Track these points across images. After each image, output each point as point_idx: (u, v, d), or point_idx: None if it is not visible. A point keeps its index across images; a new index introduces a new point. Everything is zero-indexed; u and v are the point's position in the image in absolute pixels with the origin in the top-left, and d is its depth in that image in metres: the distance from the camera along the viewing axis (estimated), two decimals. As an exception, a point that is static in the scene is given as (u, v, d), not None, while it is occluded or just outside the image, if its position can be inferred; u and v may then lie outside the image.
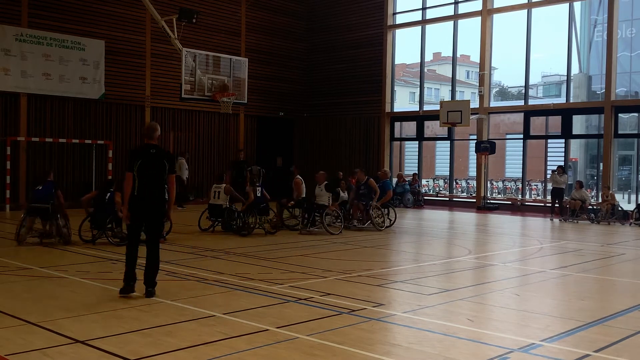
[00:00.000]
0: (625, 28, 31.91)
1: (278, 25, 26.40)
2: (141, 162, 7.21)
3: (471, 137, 26.53)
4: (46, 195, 11.52)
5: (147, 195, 7.19)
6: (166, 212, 7.41)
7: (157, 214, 7.28)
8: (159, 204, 7.28)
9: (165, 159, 7.31)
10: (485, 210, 22.08)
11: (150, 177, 7.20)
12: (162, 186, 7.28)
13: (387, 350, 5.41)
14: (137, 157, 7.27)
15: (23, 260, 9.57)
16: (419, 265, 10.32)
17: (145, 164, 7.20)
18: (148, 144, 7.36)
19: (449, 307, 7.07)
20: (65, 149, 20.36)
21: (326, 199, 14.15)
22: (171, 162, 7.40)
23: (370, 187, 14.86)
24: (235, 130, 25.20)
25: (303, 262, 9.94)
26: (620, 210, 18.25)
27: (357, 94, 25.79)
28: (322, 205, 14.03)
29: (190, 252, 10.90)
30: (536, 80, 39.36)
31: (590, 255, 11.54)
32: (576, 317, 6.63)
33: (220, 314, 6.41)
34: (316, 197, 14.29)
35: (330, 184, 14.74)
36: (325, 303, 7.01)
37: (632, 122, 26.84)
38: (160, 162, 7.26)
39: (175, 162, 20.72)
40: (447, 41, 29.28)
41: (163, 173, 7.26)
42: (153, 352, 5.14)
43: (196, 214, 14.92)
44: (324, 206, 14.01)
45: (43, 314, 6.29)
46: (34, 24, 19.61)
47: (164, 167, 7.26)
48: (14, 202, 18.92)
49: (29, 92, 19.54)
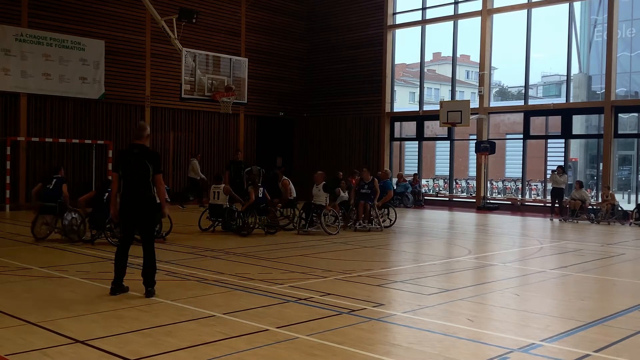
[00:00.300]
0: (625, 28, 31.91)
1: (278, 25, 26.40)
2: (124, 163, 7.29)
3: (471, 137, 26.53)
4: (56, 193, 11.63)
5: (131, 195, 7.24)
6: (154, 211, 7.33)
7: (143, 214, 7.26)
8: (144, 204, 7.24)
9: (147, 159, 7.23)
10: (485, 210, 22.08)
11: (132, 178, 7.23)
12: (146, 186, 7.21)
13: (387, 350, 5.40)
14: (121, 157, 7.40)
15: (23, 260, 9.57)
16: (419, 265, 10.32)
17: (128, 164, 7.26)
18: (133, 144, 7.42)
19: (449, 307, 7.07)
20: (65, 149, 20.36)
21: (323, 199, 14.14)
22: (154, 162, 7.28)
23: (373, 187, 14.86)
24: (235, 130, 25.20)
25: (303, 262, 9.94)
26: (620, 210, 18.25)
27: (357, 94, 25.79)
28: (320, 206, 14.02)
29: (190, 252, 10.90)
30: (536, 80, 39.41)
31: (590, 255, 11.54)
32: (576, 317, 6.63)
33: (220, 314, 6.41)
34: (313, 197, 14.27)
35: (328, 184, 14.74)
36: (325, 303, 7.01)
37: (632, 122, 26.85)
38: (142, 162, 7.22)
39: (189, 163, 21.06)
40: (447, 41, 29.27)
41: (146, 173, 7.20)
42: (153, 352, 5.14)
43: (196, 214, 14.93)
44: (322, 206, 14.01)
45: (43, 314, 6.29)
46: (34, 24, 19.61)
47: (146, 167, 7.20)
48: (14, 202, 18.93)
49: (29, 92, 19.54)
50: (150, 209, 7.30)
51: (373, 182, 14.89)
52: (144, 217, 7.27)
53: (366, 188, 14.82)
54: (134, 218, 7.27)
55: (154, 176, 7.25)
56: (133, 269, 7.90)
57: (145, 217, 7.28)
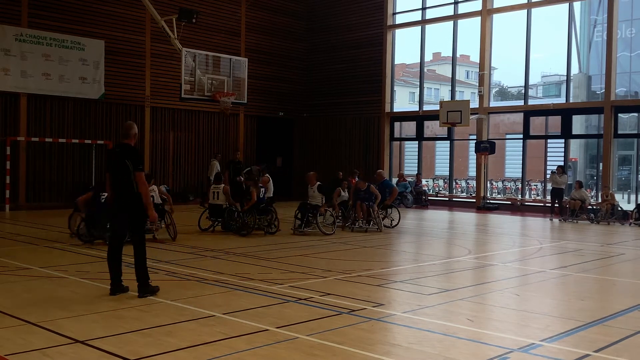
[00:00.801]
0: (625, 28, 31.92)
1: (278, 25, 26.40)
2: (108, 163, 7.50)
3: (471, 137, 26.53)
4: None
5: (115, 195, 7.34)
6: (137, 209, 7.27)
7: (125, 212, 7.27)
8: (125, 203, 7.26)
9: (126, 158, 7.24)
10: (485, 210, 22.08)
11: (116, 177, 7.33)
12: (127, 184, 7.22)
13: (387, 350, 5.40)
14: (107, 158, 7.66)
15: (23, 260, 9.57)
16: (419, 265, 10.32)
17: (111, 164, 7.42)
18: (117, 143, 7.57)
19: (449, 307, 7.07)
20: (65, 149, 20.36)
21: (320, 199, 14.11)
22: (133, 159, 7.24)
23: (372, 193, 14.78)
24: (235, 130, 25.20)
25: (303, 262, 9.94)
26: (620, 210, 18.25)
27: (357, 94, 25.79)
28: (316, 206, 13.99)
29: (190, 252, 10.90)
30: (536, 80, 39.40)
31: (590, 255, 11.54)
32: (576, 317, 6.63)
33: (220, 314, 6.41)
34: (309, 197, 14.20)
35: (329, 184, 14.71)
36: (325, 303, 7.01)
37: (632, 122, 26.86)
38: (122, 161, 7.25)
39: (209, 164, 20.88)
40: (447, 41, 29.29)
41: (126, 172, 7.21)
42: (153, 352, 5.14)
43: (196, 214, 14.93)
44: (317, 206, 13.97)
45: (43, 314, 6.29)
46: (34, 24, 19.61)
47: (125, 166, 7.21)
48: (14, 202, 18.93)
49: (28, 92, 19.54)
50: (132, 208, 7.27)
51: (369, 189, 14.78)
52: (126, 216, 7.28)
53: (362, 194, 14.71)
54: (119, 217, 7.34)
55: (134, 174, 7.24)
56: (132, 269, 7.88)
57: (129, 216, 7.28)
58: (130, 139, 7.44)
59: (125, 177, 7.23)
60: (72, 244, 11.34)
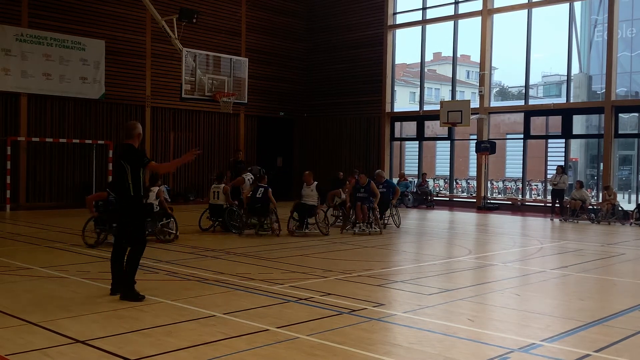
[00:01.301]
0: (625, 28, 31.91)
1: (278, 25, 26.40)
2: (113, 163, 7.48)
3: (471, 137, 26.53)
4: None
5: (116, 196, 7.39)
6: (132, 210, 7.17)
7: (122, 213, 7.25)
8: (122, 204, 7.23)
9: (123, 159, 7.16)
10: (486, 210, 22.07)
11: (114, 177, 7.36)
12: (123, 186, 7.13)
13: (387, 350, 5.40)
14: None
15: (23, 260, 9.57)
16: (419, 265, 10.32)
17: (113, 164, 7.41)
18: (120, 144, 7.50)
19: (449, 307, 7.07)
20: (65, 149, 20.37)
21: (316, 199, 14.00)
22: (132, 160, 7.12)
23: (372, 191, 14.65)
24: (236, 130, 25.20)
25: (303, 262, 9.93)
26: (620, 210, 18.24)
27: (357, 94, 25.79)
28: (312, 206, 13.90)
29: (190, 252, 10.90)
30: (536, 80, 39.37)
31: (590, 255, 11.53)
32: (576, 317, 6.63)
33: (220, 314, 6.41)
34: (303, 197, 14.03)
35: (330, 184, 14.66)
36: (325, 303, 7.01)
37: (632, 122, 26.83)
38: (118, 162, 7.23)
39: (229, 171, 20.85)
40: (447, 41, 29.26)
41: (122, 173, 7.14)
42: (153, 352, 5.14)
43: (196, 214, 14.92)
44: (314, 206, 13.88)
45: (43, 314, 6.29)
46: (34, 24, 19.62)
47: (122, 167, 7.13)
48: (14, 202, 18.94)
49: (29, 92, 19.55)
50: (127, 210, 7.18)
51: (370, 185, 14.62)
52: (123, 217, 7.26)
53: (363, 192, 14.57)
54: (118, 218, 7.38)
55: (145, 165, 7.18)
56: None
57: (125, 216, 7.24)
58: (133, 139, 7.25)
59: (120, 178, 7.17)
60: (72, 244, 11.34)
